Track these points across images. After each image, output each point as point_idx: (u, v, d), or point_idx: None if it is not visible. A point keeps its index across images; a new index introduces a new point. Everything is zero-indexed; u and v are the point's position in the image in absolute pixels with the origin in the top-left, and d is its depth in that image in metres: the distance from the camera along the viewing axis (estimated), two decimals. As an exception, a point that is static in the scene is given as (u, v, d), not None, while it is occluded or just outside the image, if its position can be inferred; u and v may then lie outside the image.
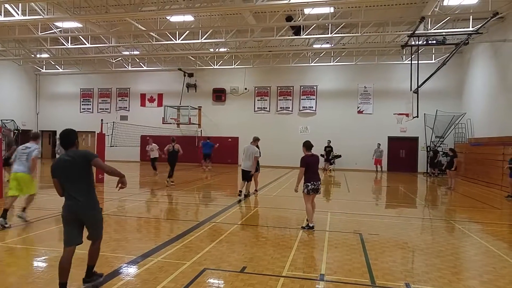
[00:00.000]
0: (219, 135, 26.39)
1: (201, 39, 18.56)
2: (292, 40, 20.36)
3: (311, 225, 7.58)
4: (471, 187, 16.60)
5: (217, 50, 21.88)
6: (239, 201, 11.04)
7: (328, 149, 23.23)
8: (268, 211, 9.94)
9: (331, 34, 17.70)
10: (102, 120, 16.08)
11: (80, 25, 18.44)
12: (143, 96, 28.42)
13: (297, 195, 13.41)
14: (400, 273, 5.18)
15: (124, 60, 26.05)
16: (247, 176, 11.46)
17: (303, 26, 17.95)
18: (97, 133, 15.79)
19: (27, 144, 7.64)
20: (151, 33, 18.54)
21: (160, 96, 28.02)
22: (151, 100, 28.30)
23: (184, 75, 27.14)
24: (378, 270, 5.23)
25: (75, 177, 4.26)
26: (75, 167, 4.25)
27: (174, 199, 11.72)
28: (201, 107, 27.12)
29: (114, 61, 25.82)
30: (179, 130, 26.85)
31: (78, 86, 29.51)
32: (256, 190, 12.32)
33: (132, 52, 23.10)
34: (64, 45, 20.23)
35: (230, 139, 26.60)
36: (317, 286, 4.67)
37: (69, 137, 4.40)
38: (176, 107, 26.32)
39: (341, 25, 17.66)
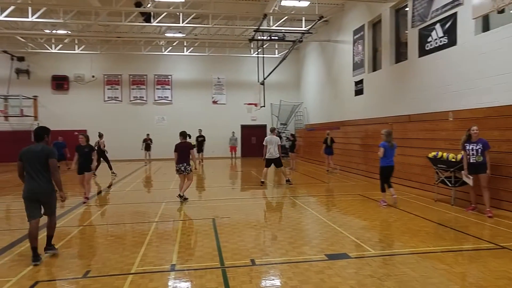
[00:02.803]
0: (63, 128, 23.74)
1: (31, 17, 16.04)
2: (143, 27, 19.61)
3: (181, 194, 9.60)
4: (308, 166, 19.02)
5: (54, 31, 19.49)
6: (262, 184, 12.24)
7: (201, 139, 22.23)
8: (121, 207, 9.56)
9: (182, 23, 17.73)
10: None
11: None
12: (-46, 84, 23.45)
13: (155, 188, 13.39)
14: (247, 251, 5.63)
15: None
16: (276, 163, 12.27)
17: (153, 13, 17.49)
18: None
19: None
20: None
21: (-20, 83, 23.58)
22: (-33, 89, 23.61)
23: (12, 59, 23.31)
24: (228, 252, 5.57)
25: (38, 165, 5.35)
26: (40, 156, 5.37)
27: (5, 206, 10.14)
28: (37, 96, 23.94)
29: None
30: (8, 124, 23.18)
31: None
32: (87, 198, 9.95)
33: None
34: None
35: (76, 133, 24.23)
36: (167, 277, 4.71)
37: (39, 133, 5.60)
38: (2, 97, 22.49)
39: (192, 15, 17.84)
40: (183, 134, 9.79)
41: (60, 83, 24.28)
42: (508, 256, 5.19)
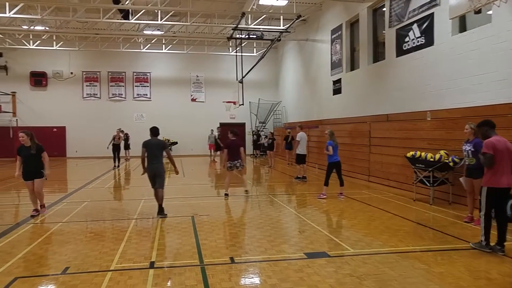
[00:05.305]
0: (42, 124, 23.32)
1: (9, 13, 15.72)
2: (121, 24, 19.36)
3: (226, 193, 10.11)
4: (285, 164, 19.01)
5: (32, 28, 19.00)
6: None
7: (125, 138, 21.54)
8: (99, 204, 9.42)
9: (160, 21, 17.58)
10: None
11: None
12: None
13: (133, 185, 13.25)
14: (225, 249, 5.65)
15: None
16: (304, 159, 13.16)
17: (132, 10, 17.26)
18: None
19: None
20: None
21: (-44, 79, 22.85)
22: None
23: (-11, 55, 22.80)
24: (207, 249, 5.56)
25: (156, 152, 7.86)
26: (158, 146, 7.93)
27: None
28: (15, 92, 23.41)
29: None
30: (-15, 120, 22.68)
31: None
32: (37, 211, 8.01)
33: None
34: None
35: (55, 129, 23.86)
36: (147, 274, 4.67)
37: (157, 130, 8.09)
38: (-20, 93, 22.05)
39: (171, 13, 17.70)
40: (234, 132, 10.26)
41: (38, 79, 23.81)
42: (486, 257, 5.21)
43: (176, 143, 24.03)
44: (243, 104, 19.00)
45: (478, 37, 8.95)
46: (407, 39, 11.61)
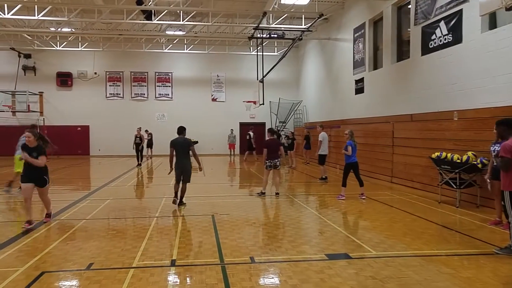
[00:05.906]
0: (66, 123, 23.97)
1: (37, 15, 16.33)
2: (144, 25, 19.62)
3: (263, 191, 10.16)
4: (307, 165, 18.89)
5: (59, 29, 19.55)
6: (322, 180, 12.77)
7: (149, 138, 21.78)
8: (121, 202, 9.59)
9: (182, 21, 17.75)
10: None
11: None
12: (-36, 79, 23.57)
13: (155, 184, 13.39)
14: (246, 248, 5.63)
15: None
16: (324, 160, 13.04)
17: (154, 11, 17.51)
18: None
19: None
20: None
21: (-11, 79, 23.74)
22: (-24, 84, 23.82)
23: (19, 56, 23.56)
24: (227, 248, 5.56)
25: (183, 150, 8.50)
26: (184, 144, 8.53)
27: (12, 198, 10.09)
28: (42, 92, 24.14)
29: None
30: (15, 119, 23.38)
31: None
32: (49, 216, 7.39)
33: None
34: None
35: (79, 128, 24.45)
36: (168, 272, 4.73)
37: (183, 129, 8.70)
38: (10, 93, 22.68)
39: (192, 13, 17.84)
40: (272, 131, 10.37)
41: (64, 79, 24.51)
42: (517, 261, 5.01)
43: (197, 142, 24.15)
44: (263, 104, 19.00)
45: (509, 35, 8.60)
46: (433, 36, 11.30)
